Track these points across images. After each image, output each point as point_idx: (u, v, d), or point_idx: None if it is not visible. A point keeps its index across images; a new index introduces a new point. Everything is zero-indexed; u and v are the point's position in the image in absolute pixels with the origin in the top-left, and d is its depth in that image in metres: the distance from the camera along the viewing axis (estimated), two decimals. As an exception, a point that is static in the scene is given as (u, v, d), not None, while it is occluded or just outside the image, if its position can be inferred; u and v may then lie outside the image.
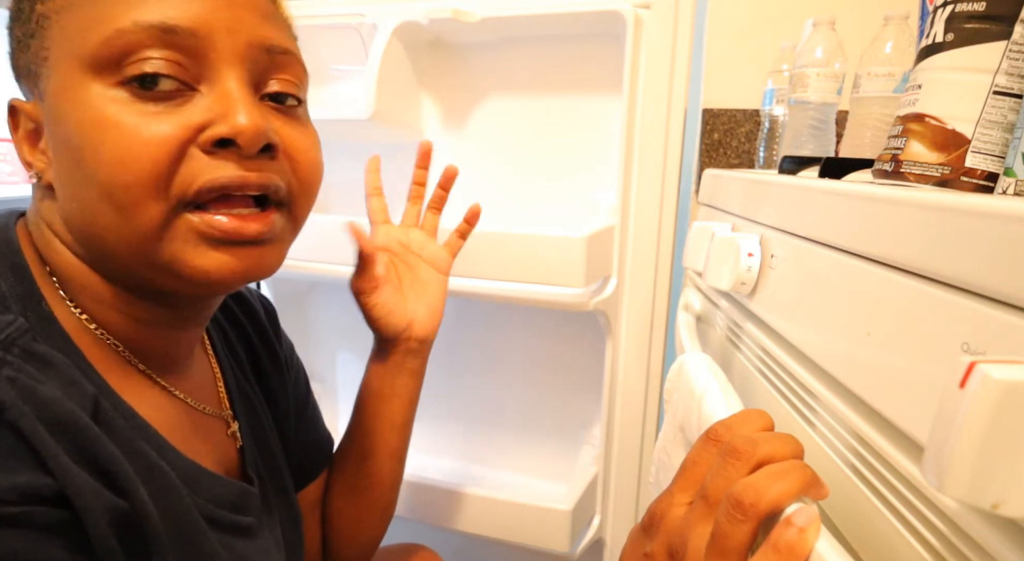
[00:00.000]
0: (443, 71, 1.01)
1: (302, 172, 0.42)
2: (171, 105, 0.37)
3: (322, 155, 0.45)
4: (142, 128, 0.35)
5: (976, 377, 0.19)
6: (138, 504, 0.35)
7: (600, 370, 0.95)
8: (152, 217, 0.36)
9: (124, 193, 0.35)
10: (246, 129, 0.37)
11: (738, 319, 0.54)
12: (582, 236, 0.78)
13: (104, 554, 0.32)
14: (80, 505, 0.31)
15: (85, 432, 0.33)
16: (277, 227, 0.41)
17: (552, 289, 0.83)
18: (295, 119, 0.43)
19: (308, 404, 0.66)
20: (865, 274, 0.32)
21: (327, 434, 0.68)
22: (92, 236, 0.38)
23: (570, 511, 0.87)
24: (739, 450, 0.30)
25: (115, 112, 0.35)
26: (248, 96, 0.39)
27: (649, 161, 0.89)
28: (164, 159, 0.36)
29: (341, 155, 1.09)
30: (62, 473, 0.31)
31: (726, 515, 0.28)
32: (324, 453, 0.67)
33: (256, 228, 0.39)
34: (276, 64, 0.41)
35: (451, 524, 0.94)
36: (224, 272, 0.38)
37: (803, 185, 0.45)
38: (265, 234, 0.40)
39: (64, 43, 0.37)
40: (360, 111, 0.89)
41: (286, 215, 0.42)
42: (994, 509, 0.19)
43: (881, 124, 0.60)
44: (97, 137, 0.35)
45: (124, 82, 0.36)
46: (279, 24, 0.42)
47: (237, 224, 0.38)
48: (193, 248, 0.37)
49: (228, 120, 0.37)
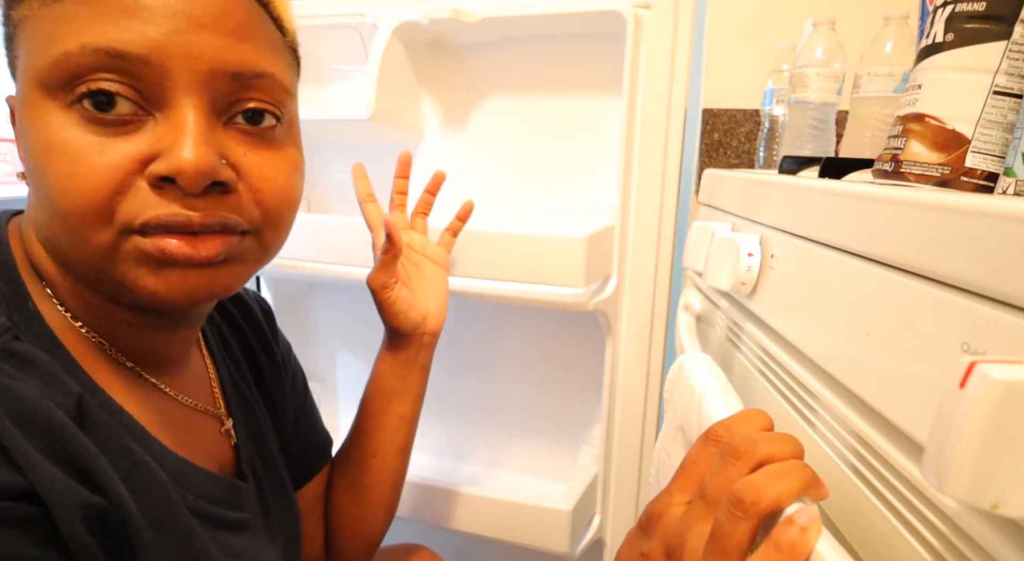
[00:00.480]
0: (443, 71, 1.01)
1: (267, 202, 0.40)
2: (123, 130, 0.35)
3: (297, 177, 0.43)
4: (88, 156, 0.34)
5: (976, 377, 0.19)
6: (117, 501, 0.35)
7: (600, 370, 0.96)
8: (101, 240, 0.35)
9: (72, 218, 0.34)
10: (187, 168, 0.35)
11: (738, 319, 0.54)
12: (582, 236, 0.78)
13: (78, 550, 0.32)
14: (51, 501, 0.31)
15: (60, 429, 0.33)
16: (236, 249, 0.39)
17: (552, 289, 0.84)
18: (266, 143, 0.40)
19: (306, 403, 0.66)
20: (865, 274, 0.32)
21: (325, 433, 0.68)
22: (54, 250, 0.38)
23: (570, 511, 0.88)
24: (739, 450, 0.30)
25: (64, 136, 0.34)
26: (201, 127, 0.36)
27: (649, 161, 0.89)
28: (105, 190, 0.34)
29: (341, 155, 1.09)
30: (31, 469, 0.31)
31: (726, 514, 0.28)
32: (323, 453, 0.67)
33: (208, 252, 0.37)
34: (247, 87, 0.38)
35: (451, 524, 0.94)
36: (175, 293, 0.37)
37: (803, 185, 0.45)
38: (218, 257, 0.38)
39: (25, 56, 0.36)
40: (360, 111, 0.89)
41: (251, 240, 0.40)
42: (994, 509, 0.19)
43: (881, 124, 0.60)
44: (46, 159, 0.34)
45: (74, 103, 0.34)
46: (258, 40, 0.39)
47: (187, 248, 0.36)
48: (145, 270, 0.36)
49: (171, 156, 0.35)
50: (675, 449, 0.50)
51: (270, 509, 0.52)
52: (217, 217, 0.37)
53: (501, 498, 0.91)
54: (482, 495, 0.92)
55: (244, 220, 0.39)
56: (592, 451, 1.02)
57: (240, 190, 0.39)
